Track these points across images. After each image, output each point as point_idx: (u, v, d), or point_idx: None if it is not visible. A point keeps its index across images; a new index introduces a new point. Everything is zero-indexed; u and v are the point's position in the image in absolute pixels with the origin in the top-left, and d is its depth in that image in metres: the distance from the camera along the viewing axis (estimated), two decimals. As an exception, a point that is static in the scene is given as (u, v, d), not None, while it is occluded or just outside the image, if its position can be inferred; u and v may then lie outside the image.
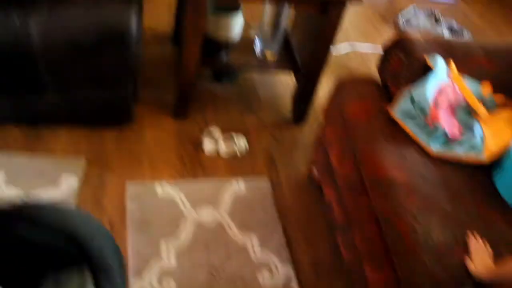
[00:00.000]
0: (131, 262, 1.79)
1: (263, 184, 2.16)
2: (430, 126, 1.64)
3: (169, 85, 2.45)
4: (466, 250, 1.40)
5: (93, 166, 2.06)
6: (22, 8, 1.78)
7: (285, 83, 2.63)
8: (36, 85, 1.96)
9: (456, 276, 1.36)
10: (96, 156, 2.10)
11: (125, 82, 2.10)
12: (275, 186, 2.16)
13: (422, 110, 1.65)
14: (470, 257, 1.38)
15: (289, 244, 1.96)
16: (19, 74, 1.91)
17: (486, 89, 1.79)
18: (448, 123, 1.66)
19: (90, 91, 2.05)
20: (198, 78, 2.34)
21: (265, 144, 2.34)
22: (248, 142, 2.30)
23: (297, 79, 2.40)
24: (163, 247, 1.86)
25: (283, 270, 1.88)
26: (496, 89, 1.83)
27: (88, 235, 0.94)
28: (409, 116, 1.68)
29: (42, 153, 2.06)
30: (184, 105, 2.31)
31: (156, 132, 2.27)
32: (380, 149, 1.62)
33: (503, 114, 1.75)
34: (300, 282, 1.85)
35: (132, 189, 2.02)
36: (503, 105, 1.80)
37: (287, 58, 2.39)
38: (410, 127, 1.67)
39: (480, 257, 1.37)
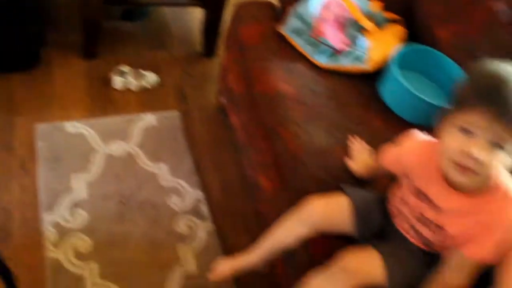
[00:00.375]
0: (43, 197, 1.81)
1: (173, 117, 2.18)
2: (316, 40, 1.70)
3: (78, 25, 2.40)
4: (347, 152, 1.48)
5: (1, 111, 2.04)
6: None
7: (197, 17, 2.63)
8: None
9: (338, 176, 1.44)
10: (3, 100, 2.08)
11: (28, 22, 2.05)
12: (186, 118, 2.19)
13: (308, 25, 1.70)
14: (351, 158, 1.46)
15: (198, 170, 2.01)
16: None
17: (375, 6, 1.85)
18: (334, 37, 1.71)
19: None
20: (106, 16, 2.31)
21: (177, 78, 2.35)
22: (160, 77, 2.30)
23: (205, 12, 2.40)
24: (74, 181, 1.88)
25: (192, 193, 1.93)
26: (388, 8, 1.89)
27: None
28: (297, 32, 1.72)
29: None
30: (93, 44, 2.29)
31: (65, 73, 2.24)
32: (269, 65, 1.67)
33: (392, 28, 1.82)
34: (209, 203, 1.92)
35: (42, 129, 2.01)
36: (393, 21, 1.86)
37: (195, -8, 2.38)
38: (298, 43, 1.72)
39: (360, 156, 1.46)
